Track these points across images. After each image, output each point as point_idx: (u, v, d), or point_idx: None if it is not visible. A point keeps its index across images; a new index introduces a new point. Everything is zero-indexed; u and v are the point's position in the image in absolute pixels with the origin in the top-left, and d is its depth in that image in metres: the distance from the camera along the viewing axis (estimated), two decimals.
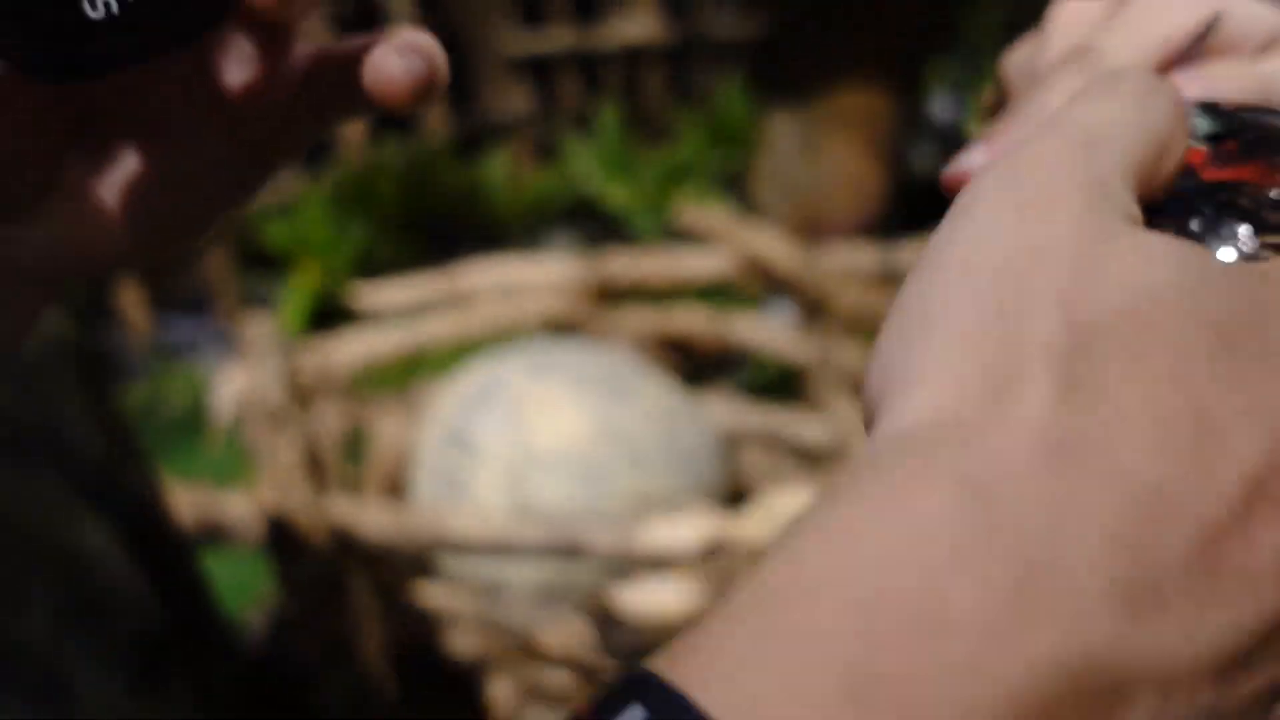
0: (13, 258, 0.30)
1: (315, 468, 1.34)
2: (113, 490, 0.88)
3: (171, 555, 1.01)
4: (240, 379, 1.61)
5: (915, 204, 3.23)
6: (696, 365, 2.03)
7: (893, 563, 0.18)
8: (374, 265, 2.93)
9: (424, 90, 0.30)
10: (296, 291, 2.83)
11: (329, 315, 2.81)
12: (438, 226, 3.27)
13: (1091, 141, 0.24)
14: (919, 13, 2.15)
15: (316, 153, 3.17)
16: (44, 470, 0.80)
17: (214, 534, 1.30)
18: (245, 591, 1.78)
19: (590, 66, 3.79)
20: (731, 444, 1.80)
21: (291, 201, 3.01)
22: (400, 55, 0.29)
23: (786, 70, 2.23)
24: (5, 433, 0.76)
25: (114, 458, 0.91)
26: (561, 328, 2.00)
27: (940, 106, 4.30)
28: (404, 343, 1.86)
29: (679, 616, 1.17)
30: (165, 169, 0.30)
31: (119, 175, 0.30)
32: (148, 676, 0.93)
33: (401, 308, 2.04)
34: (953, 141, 4.13)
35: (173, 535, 1.03)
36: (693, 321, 1.93)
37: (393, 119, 3.29)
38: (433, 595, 1.29)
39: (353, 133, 3.19)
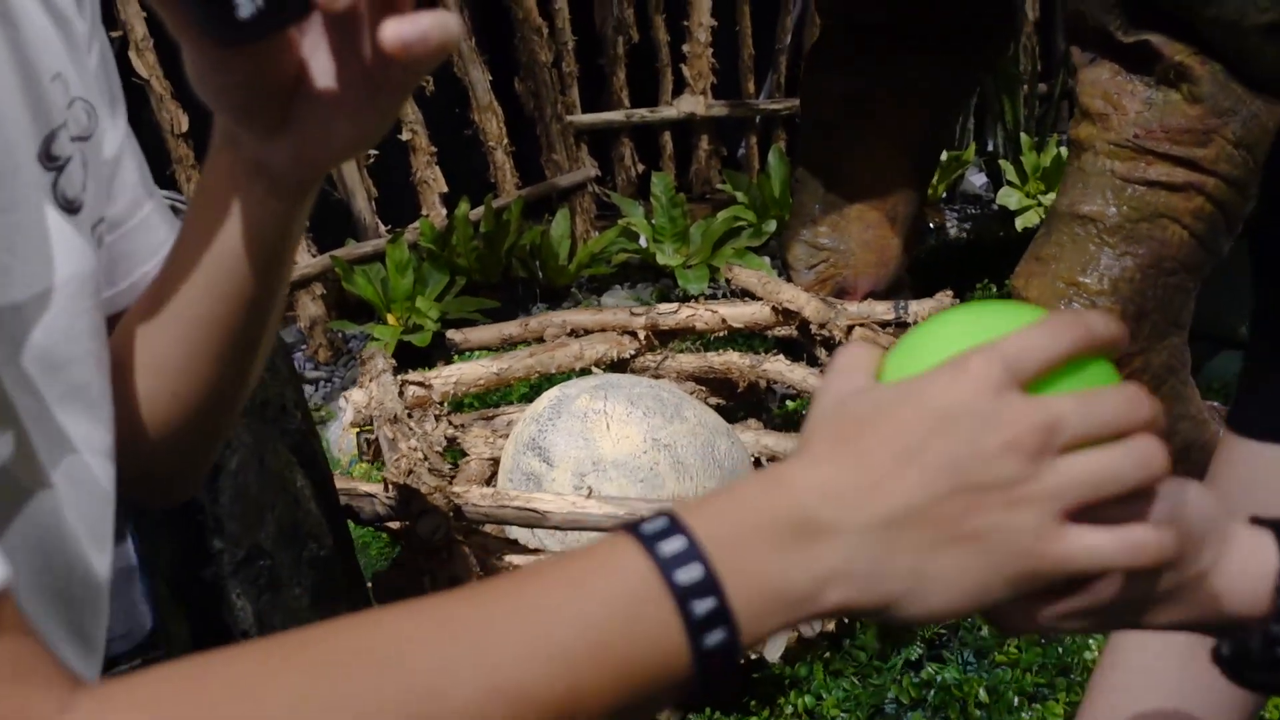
0: (270, 164, 0.53)
1: (428, 459, 1.69)
2: (306, 450, 1.23)
3: (334, 506, 1.35)
4: (359, 395, 1.98)
5: (947, 262, 3.54)
6: (734, 401, 2.35)
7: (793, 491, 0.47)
8: (451, 314, 3.28)
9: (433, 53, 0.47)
10: (380, 338, 3.18)
11: (408, 358, 3.16)
12: (508, 280, 3.63)
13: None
14: (935, 116, 2.51)
15: (399, 211, 3.55)
16: (274, 428, 1.15)
17: (347, 512, 1.65)
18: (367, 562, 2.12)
19: (646, 137, 4.18)
20: (763, 466, 2.13)
21: (376, 255, 3.38)
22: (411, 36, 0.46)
23: (815, 150, 2.58)
24: (258, 401, 1.11)
25: (306, 429, 1.26)
26: (617, 365, 2.35)
27: (974, 179, 4.64)
28: (488, 374, 2.21)
29: None
30: (351, 109, 0.52)
31: (323, 109, 0.52)
32: (321, 594, 1.28)
33: (486, 345, 2.41)
34: (984, 208, 4.47)
35: (333, 492, 1.38)
36: (731, 361, 2.26)
37: (469, 182, 3.66)
38: (518, 562, 1.62)
39: (432, 193, 3.57)
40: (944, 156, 4.25)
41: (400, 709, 0.37)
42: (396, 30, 0.46)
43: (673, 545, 0.42)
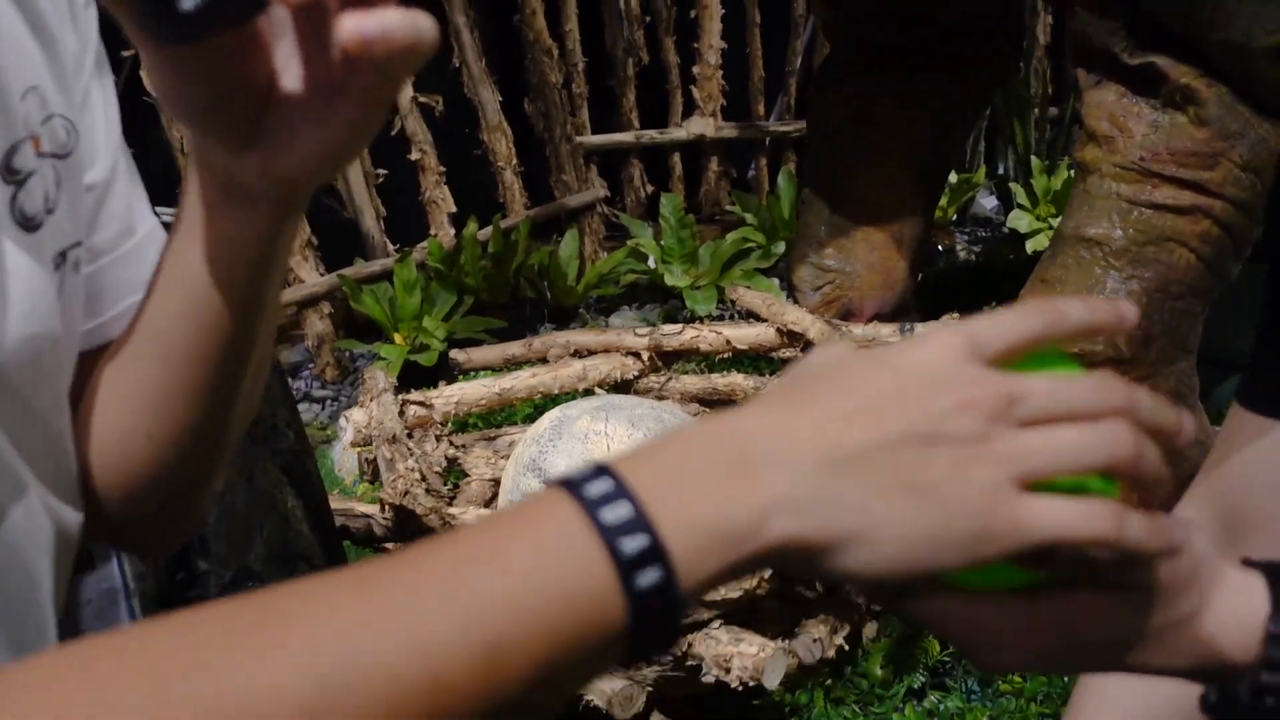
0: (241, 180, 0.50)
1: (425, 480, 1.68)
2: (299, 470, 1.22)
3: (328, 527, 1.34)
4: (359, 415, 1.97)
5: (957, 285, 3.53)
6: None
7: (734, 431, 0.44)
8: (459, 334, 3.28)
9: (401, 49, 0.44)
10: (387, 357, 3.18)
11: (415, 377, 3.15)
12: (516, 300, 3.63)
13: None
14: (941, 131, 2.50)
15: (408, 230, 3.56)
16: (264, 448, 1.14)
17: (344, 533, 1.64)
18: None
19: (656, 158, 4.18)
20: None
21: (384, 274, 3.38)
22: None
23: (822, 166, 2.57)
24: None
25: (299, 449, 1.25)
26: (621, 386, 2.33)
27: (985, 202, 4.63)
28: (490, 394, 2.20)
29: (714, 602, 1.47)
30: (317, 117, 0.48)
31: (288, 116, 0.48)
32: None
33: (489, 365, 2.40)
34: (994, 231, 4.45)
35: (328, 512, 1.37)
36: (735, 383, 2.24)
37: (478, 201, 3.67)
38: None
39: (440, 212, 3.58)
40: (954, 179, 4.23)
41: (312, 669, 0.35)
42: (356, 24, 0.43)
43: (599, 487, 0.40)
